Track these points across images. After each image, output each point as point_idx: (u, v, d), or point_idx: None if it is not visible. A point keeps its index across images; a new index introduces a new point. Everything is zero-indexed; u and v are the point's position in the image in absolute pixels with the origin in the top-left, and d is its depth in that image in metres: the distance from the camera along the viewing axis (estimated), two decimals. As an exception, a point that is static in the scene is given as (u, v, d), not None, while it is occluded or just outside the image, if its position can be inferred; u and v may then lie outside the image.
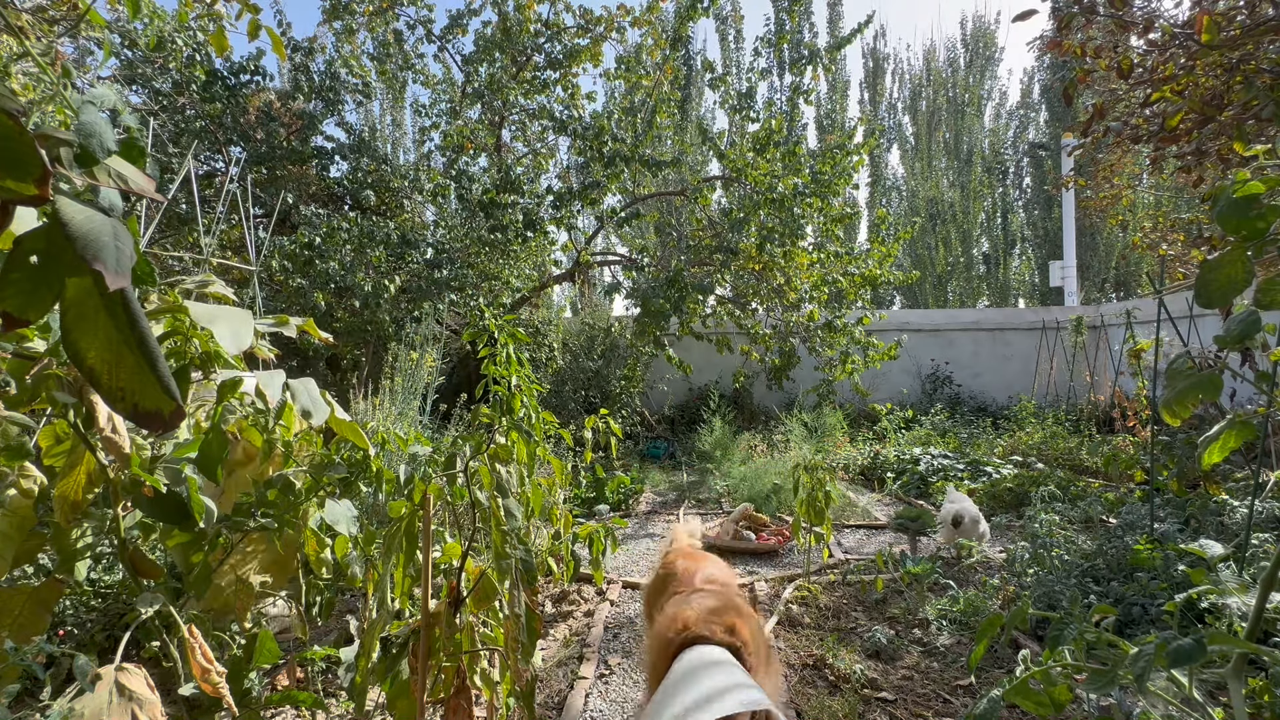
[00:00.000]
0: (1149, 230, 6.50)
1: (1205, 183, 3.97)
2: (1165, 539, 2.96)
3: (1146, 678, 0.93)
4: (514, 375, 2.34)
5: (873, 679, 2.39)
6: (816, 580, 3.46)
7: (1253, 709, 1.48)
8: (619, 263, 8.76)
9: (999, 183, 15.33)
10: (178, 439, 1.44)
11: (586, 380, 7.86)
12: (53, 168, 0.59)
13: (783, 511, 4.81)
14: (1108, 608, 1.19)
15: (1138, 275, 13.66)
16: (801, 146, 7.30)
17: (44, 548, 1.22)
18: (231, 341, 1.12)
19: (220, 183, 6.63)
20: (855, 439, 7.46)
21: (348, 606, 3.00)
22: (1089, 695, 1.99)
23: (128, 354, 0.60)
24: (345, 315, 5.92)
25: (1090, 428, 6.91)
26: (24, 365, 1.11)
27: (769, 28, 7.86)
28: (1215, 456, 1.13)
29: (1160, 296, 3.32)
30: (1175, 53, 3.10)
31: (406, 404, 4.45)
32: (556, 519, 2.93)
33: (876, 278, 7.32)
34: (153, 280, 0.94)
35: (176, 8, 4.49)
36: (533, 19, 7.07)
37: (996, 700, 1.05)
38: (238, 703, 1.33)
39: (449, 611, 1.53)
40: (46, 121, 2.20)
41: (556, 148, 8.75)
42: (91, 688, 1.00)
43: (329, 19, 6.96)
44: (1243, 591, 1.22)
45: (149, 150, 1.01)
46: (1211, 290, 1.01)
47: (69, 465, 1.15)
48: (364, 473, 1.78)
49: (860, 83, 16.41)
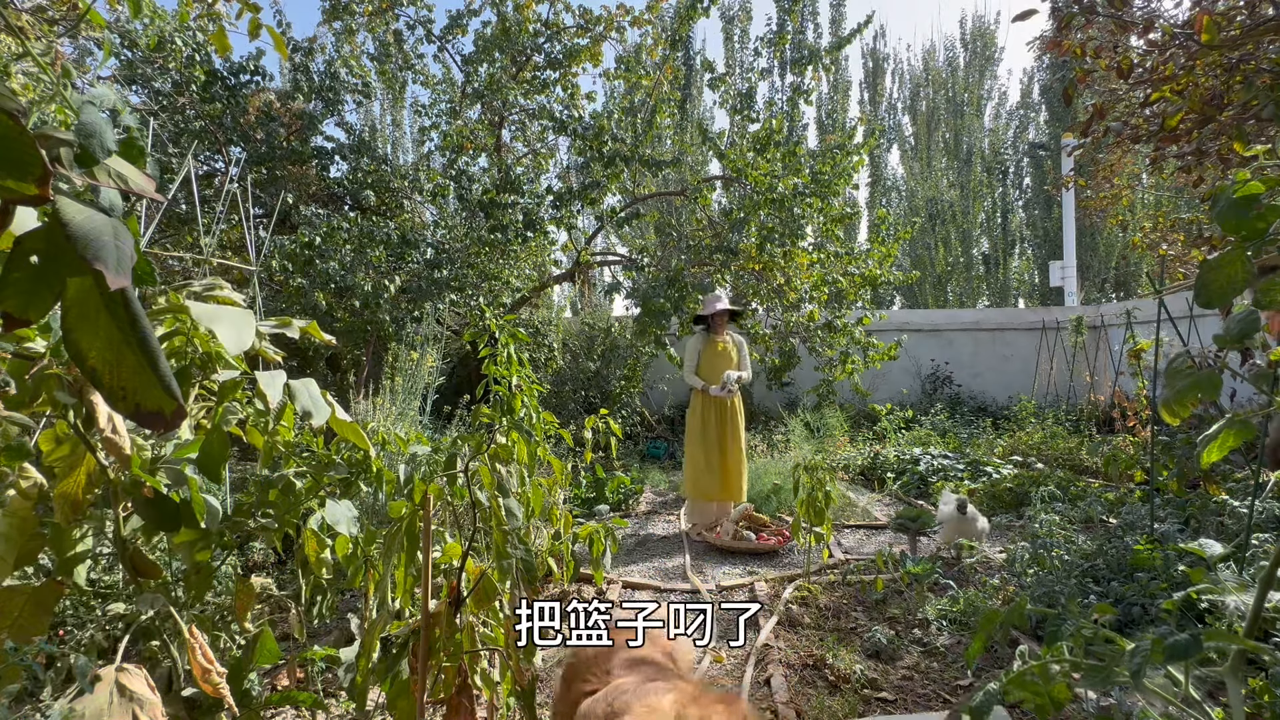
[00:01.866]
0: (1149, 230, 6.50)
1: (1205, 183, 3.97)
2: (1165, 539, 2.96)
3: (1143, 674, 0.93)
4: (514, 375, 2.34)
5: (873, 679, 2.39)
6: (816, 580, 3.46)
7: (1252, 708, 1.48)
8: (619, 263, 8.76)
9: (999, 183, 15.32)
10: (178, 439, 1.44)
11: (586, 380, 7.86)
12: (53, 168, 0.59)
13: (783, 511, 4.81)
14: (1107, 607, 1.19)
15: (1138, 275, 13.66)
16: (802, 146, 7.30)
17: (44, 549, 1.22)
18: (233, 342, 1.12)
19: (220, 183, 6.63)
20: (855, 439, 7.46)
21: (348, 606, 3.00)
22: (1089, 694, 1.99)
23: (129, 354, 0.61)
24: (345, 315, 5.92)
25: (1090, 428, 6.91)
26: (24, 365, 1.11)
27: (770, 28, 7.86)
28: (1215, 456, 1.13)
29: (1160, 296, 3.32)
30: (1175, 53, 3.10)
31: (407, 404, 4.45)
32: (556, 519, 2.93)
33: (876, 278, 7.31)
34: (153, 280, 0.94)
35: (176, 8, 4.49)
36: (532, 19, 7.06)
37: (993, 693, 1.06)
38: (238, 703, 1.33)
39: (449, 611, 1.54)
40: (47, 121, 2.21)
41: (556, 148, 8.74)
42: (91, 688, 1.00)
43: (329, 19, 6.95)
44: (1242, 591, 1.22)
45: (149, 150, 1.01)
46: (1211, 290, 1.01)
47: (69, 466, 1.15)
48: (364, 473, 1.78)
49: (860, 83, 16.41)
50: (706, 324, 4.67)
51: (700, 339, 4.67)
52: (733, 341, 4.69)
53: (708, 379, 4.58)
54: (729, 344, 4.65)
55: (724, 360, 4.59)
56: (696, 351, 4.64)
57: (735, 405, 4.61)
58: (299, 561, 1.69)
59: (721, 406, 4.57)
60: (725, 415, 4.58)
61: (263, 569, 2.93)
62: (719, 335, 4.62)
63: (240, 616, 1.49)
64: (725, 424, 4.56)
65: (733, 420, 4.58)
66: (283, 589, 2.23)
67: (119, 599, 1.79)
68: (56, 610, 1.31)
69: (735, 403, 4.61)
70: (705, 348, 4.63)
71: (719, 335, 4.62)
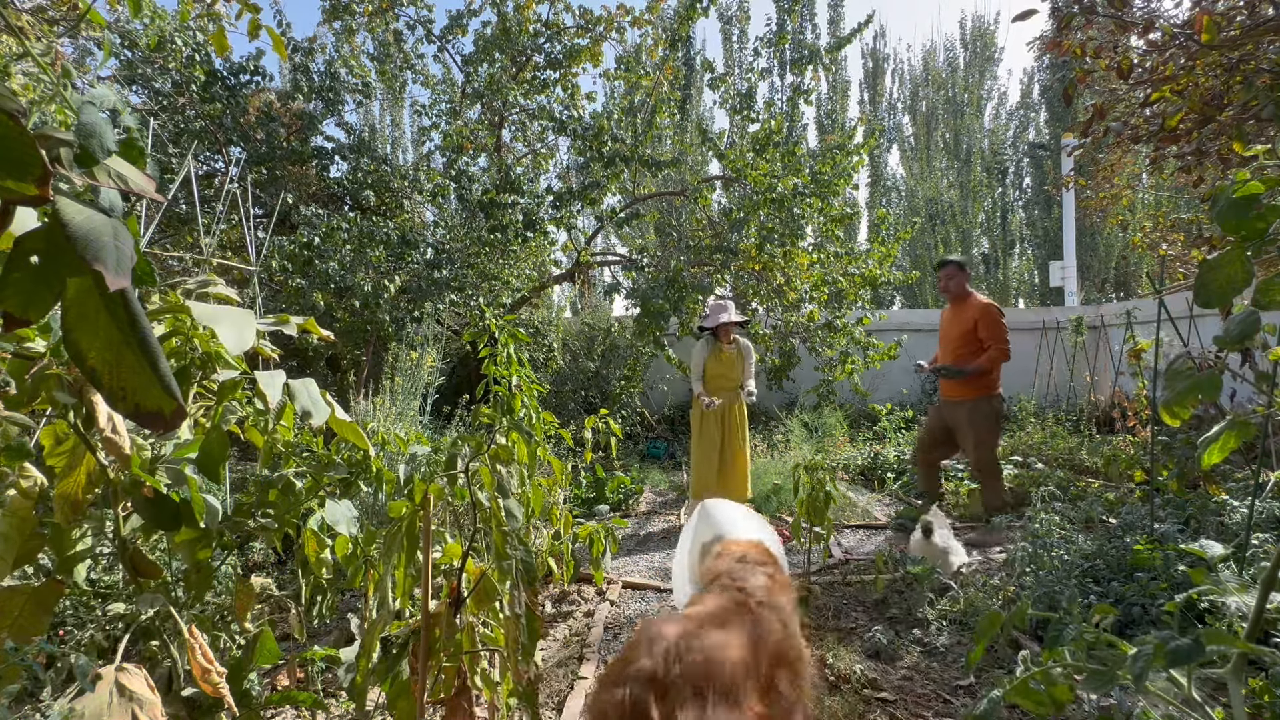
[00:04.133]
0: (1149, 230, 6.50)
1: (1205, 183, 3.97)
2: (1165, 539, 2.96)
3: (1145, 677, 0.93)
4: (514, 375, 2.34)
5: (873, 679, 2.39)
6: (816, 580, 3.46)
7: (1252, 709, 1.48)
8: (619, 263, 8.76)
9: (999, 183, 15.32)
10: (178, 439, 1.44)
11: (586, 380, 7.86)
12: (53, 168, 0.59)
13: (783, 511, 4.81)
14: (1108, 608, 1.19)
15: (1138, 275, 13.66)
16: (801, 147, 7.30)
17: (44, 549, 1.22)
18: (234, 342, 1.12)
19: (220, 183, 6.62)
20: (855, 439, 7.46)
21: (348, 606, 3.00)
22: (1089, 695, 1.99)
23: (129, 354, 0.60)
24: (345, 315, 5.92)
25: (1090, 428, 6.91)
26: (24, 365, 1.11)
27: (770, 28, 7.86)
28: (1215, 457, 1.13)
29: (1160, 296, 3.32)
30: (1175, 53, 3.10)
31: (406, 404, 4.45)
32: (557, 519, 2.93)
33: (876, 278, 7.31)
34: (153, 280, 0.94)
35: (176, 8, 4.49)
36: (532, 19, 7.06)
37: (997, 700, 1.05)
38: (238, 703, 1.33)
39: (449, 612, 1.53)
40: (47, 121, 2.20)
41: (556, 148, 8.74)
42: (92, 688, 1.00)
43: (329, 19, 6.95)
44: (1243, 591, 1.22)
45: (149, 150, 1.01)
46: (1211, 290, 1.01)
47: (69, 466, 1.15)
48: (364, 473, 1.78)
49: (860, 83, 16.40)
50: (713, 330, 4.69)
51: (706, 346, 4.68)
52: (739, 348, 4.71)
53: (713, 386, 4.62)
54: (734, 351, 4.68)
55: (728, 367, 4.63)
56: (702, 359, 4.66)
57: (739, 408, 4.64)
58: (299, 561, 1.69)
59: (724, 409, 4.61)
60: (727, 418, 4.62)
61: (263, 569, 2.93)
62: (725, 344, 4.63)
63: (240, 616, 1.49)
64: (726, 426, 4.60)
65: (735, 422, 4.61)
66: (283, 589, 2.23)
67: (119, 599, 1.78)
68: (56, 610, 1.31)
69: (738, 405, 4.64)
70: (711, 355, 4.65)
71: (725, 344, 4.63)
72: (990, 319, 4.05)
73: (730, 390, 4.64)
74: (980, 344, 4.07)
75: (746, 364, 4.70)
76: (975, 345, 4.10)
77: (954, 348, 4.20)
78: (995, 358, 4.02)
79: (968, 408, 4.13)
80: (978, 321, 4.08)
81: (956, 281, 4.26)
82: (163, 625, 1.32)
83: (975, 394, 4.12)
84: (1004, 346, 4.03)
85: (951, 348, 4.23)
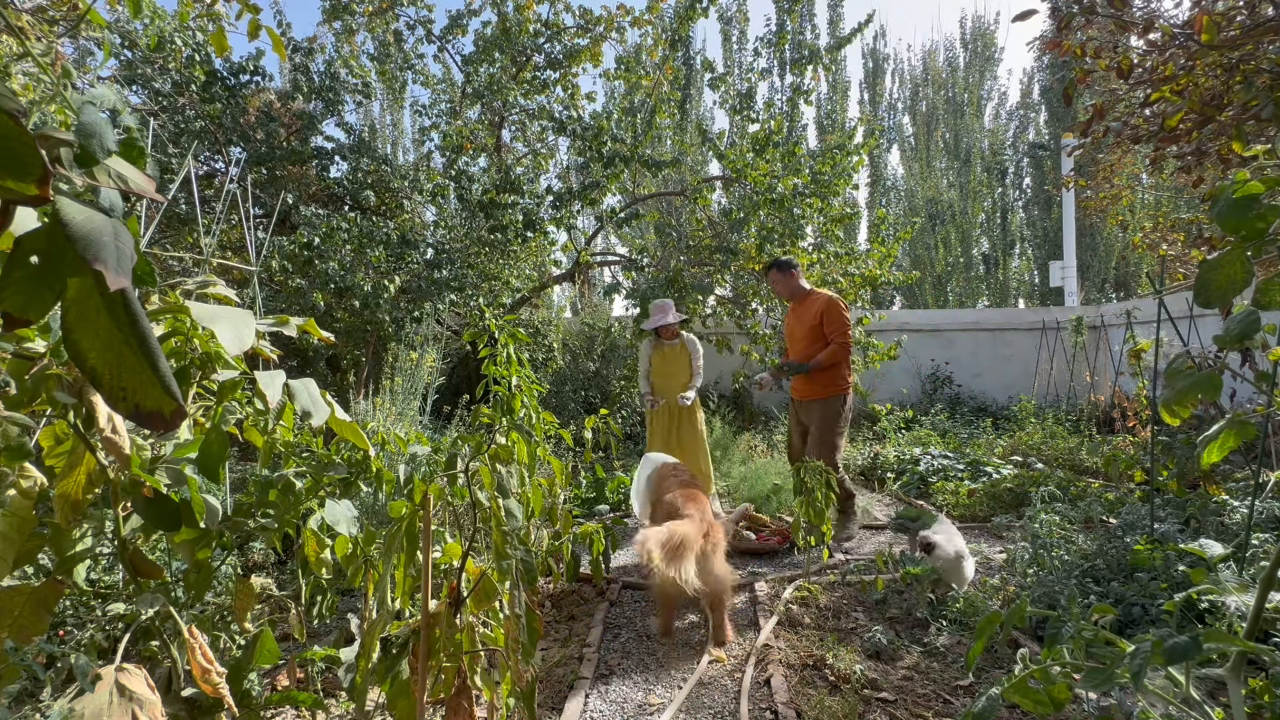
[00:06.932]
0: (1149, 230, 6.51)
1: (1205, 183, 3.97)
2: (1165, 539, 2.96)
3: (1143, 675, 0.93)
4: (514, 375, 2.34)
5: (873, 679, 2.39)
6: (816, 580, 3.46)
7: (1252, 709, 1.48)
8: (619, 263, 8.76)
9: (998, 183, 15.33)
10: (178, 439, 1.44)
11: (586, 380, 7.86)
12: (53, 168, 0.59)
13: (783, 511, 4.81)
14: (1107, 607, 1.19)
15: (1138, 275, 13.66)
16: (801, 147, 7.30)
17: (44, 549, 1.22)
18: (234, 342, 1.12)
19: (220, 183, 6.62)
20: (855, 439, 7.46)
21: (348, 606, 3.00)
22: (1089, 695, 1.99)
23: (129, 354, 0.61)
24: (345, 315, 5.92)
25: (1090, 428, 6.91)
26: (24, 365, 1.11)
27: (769, 28, 7.86)
28: (1215, 456, 1.13)
29: (1160, 296, 3.32)
30: (1175, 53, 3.11)
31: (406, 404, 4.45)
32: (557, 519, 2.93)
33: (876, 278, 7.31)
34: (153, 280, 0.94)
35: (176, 8, 4.49)
36: (532, 19, 7.06)
37: (995, 698, 1.05)
38: (238, 703, 1.33)
39: (449, 612, 1.53)
40: (47, 121, 2.20)
41: (556, 148, 8.74)
42: (91, 688, 1.00)
43: (329, 19, 6.95)
44: (1242, 591, 1.22)
45: (149, 150, 1.01)
46: (1211, 290, 1.01)
47: (69, 466, 1.15)
48: (364, 473, 1.78)
49: (860, 83, 16.42)
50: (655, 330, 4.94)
51: (649, 345, 4.97)
52: (682, 343, 4.92)
53: (660, 384, 4.90)
54: (678, 346, 4.91)
55: (673, 364, 4.87)
56: (647, 357, 4.94)
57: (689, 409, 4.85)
58: (299, 561, 1.69)
59: (671, 405, 4.83)
60: (674, 417, 4.85)
61: (263, 569, 2.93)
62: (666, 340, 4.91)
63: (240, 616, 1.49)
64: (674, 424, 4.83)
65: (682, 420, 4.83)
66: (283, 589, 2.23)
67: (119, 599, 1.78)
68: (56, 610, 1.31)
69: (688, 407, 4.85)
70: (655, 353, 4.93)
71: (666, 340, 4.91)
72: (834, 313, 3.96)
73: (680, 388, 4.83)
74: (827, 340, 4.00)
75: (694, 360, 4.88)
76: (823, 341, 4.02)
77: (802, 347, 4.12)
78: (837, 352, 3.94)
79: (819, 406, 4.05)
80: (823, 315, 3.99)
81: (784, 284, 4.21)
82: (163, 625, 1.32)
83: (826, 393, 4.03)
84: (845, 340, 3.96)
85: (799, 347, 4.16)
